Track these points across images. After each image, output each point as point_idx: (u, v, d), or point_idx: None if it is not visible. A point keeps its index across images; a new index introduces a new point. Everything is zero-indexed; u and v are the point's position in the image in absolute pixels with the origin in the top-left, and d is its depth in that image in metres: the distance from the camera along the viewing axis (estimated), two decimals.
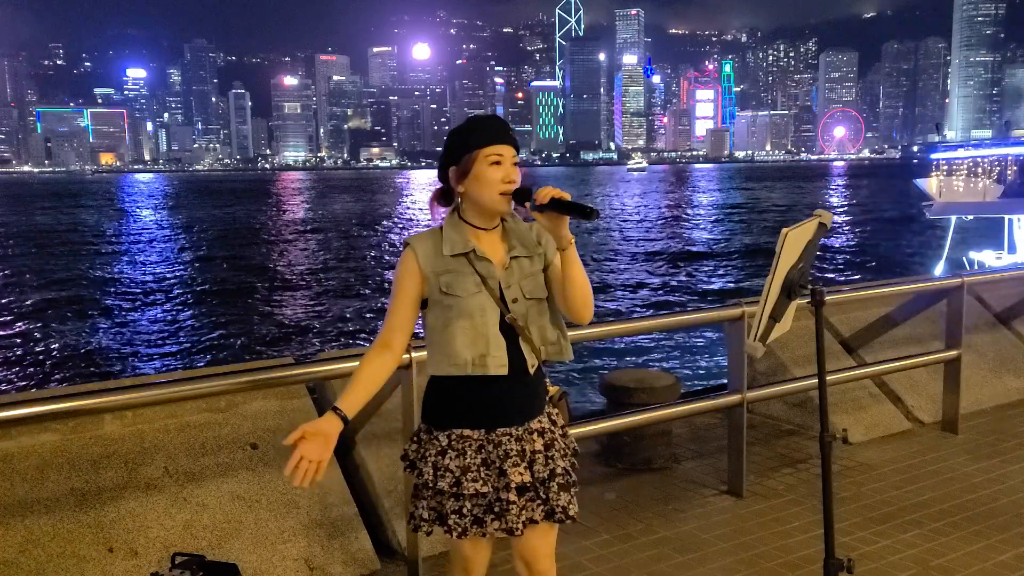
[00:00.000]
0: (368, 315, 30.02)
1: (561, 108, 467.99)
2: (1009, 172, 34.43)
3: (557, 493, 2.38)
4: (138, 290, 36.56)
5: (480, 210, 2.37)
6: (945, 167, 36.71)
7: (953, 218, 33.25)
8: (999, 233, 31.30)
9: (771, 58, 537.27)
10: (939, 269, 31.50)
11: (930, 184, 35.62)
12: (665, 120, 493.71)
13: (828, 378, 3.28)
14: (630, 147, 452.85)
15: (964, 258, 31.20)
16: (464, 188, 2.36)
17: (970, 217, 33.67)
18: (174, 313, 31.33)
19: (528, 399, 2.43)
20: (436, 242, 2.38)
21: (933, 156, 38.98)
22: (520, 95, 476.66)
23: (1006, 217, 30.99)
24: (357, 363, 3.54)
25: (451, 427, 2.40)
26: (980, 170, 35.30)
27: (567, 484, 2.42)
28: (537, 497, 2.38)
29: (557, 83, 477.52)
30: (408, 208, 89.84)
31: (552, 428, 2.47)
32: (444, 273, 2.35)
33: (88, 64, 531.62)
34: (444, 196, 2.46)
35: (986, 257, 30.80)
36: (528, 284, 2.40)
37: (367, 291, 35.17)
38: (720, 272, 40.13)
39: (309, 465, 2.20)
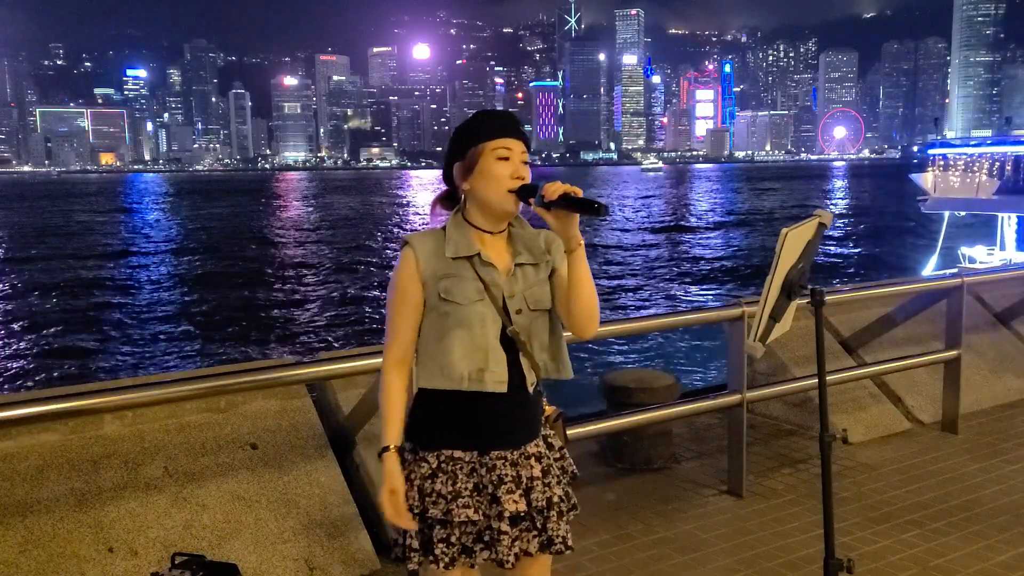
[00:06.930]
0: (368, 315, 30.01)
1: (561, 108, 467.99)
2: (1007, 169, 34.51)
3: (556, 523, 2.21)
4: (138, 290, 36.58)
5: (486, 210, 2.18)
6: (942, 163, 36.80)
7: (946, 213, 33.31)
8: (993, 228, 31.38)
9: (771, 58, 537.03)
10: (931, 264, 31.61)
11: (925, 179, 35.71)
12: (665, 120, 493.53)
13: (828, 378, 3.28)
14: (630, 147, 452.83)
15: (959, 252, 31.25)
16: (469, 185, 2.17)
17: (962, 213, 33.74)
18: (174, 313, 31.33)
19: (525, 420, 2.23)
20: (438, 243, 2.19)
21: (931, 152, 39.06)
22: (520, 95, 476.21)
23: (999, 215, 31.07)
24: (357, 363, 3.61)
25: (440, 447, 2.19)
26: (976, 166, 35.36)
27: (564, 512, 2.25)
28: (533, 527, 2.20)
29: (557, 83, 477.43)
30: (408, 208, 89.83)
31: (548, 453, 2.28)
32: (444, 277, 2.15)
33: (88, 64, 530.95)
34: (448, 199, 2.28)
35: (978, 252, 30.88)
36: (533, 294, 2.20)
37: (367, 291, 35.16)
38: (721, 273, 40.09)
39: (398, 506, 2.17)
